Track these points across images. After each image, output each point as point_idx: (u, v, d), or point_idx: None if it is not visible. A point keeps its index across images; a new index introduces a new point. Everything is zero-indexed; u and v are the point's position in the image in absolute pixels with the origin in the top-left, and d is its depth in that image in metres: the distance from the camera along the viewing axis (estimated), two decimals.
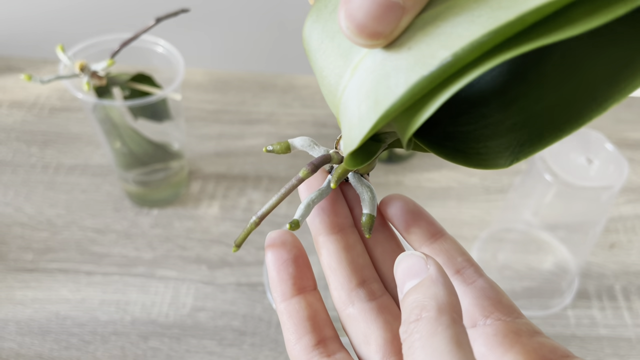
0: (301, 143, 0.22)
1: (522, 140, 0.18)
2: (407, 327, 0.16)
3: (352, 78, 0.16)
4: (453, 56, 0.13)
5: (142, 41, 0.47)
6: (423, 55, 0.13)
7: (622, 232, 0.53)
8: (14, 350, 0.42)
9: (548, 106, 0.17)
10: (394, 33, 0.14)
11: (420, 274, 0.17)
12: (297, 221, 0.20)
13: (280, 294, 0.20)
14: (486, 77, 0.19)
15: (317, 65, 0.18)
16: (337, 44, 0.17)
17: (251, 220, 0.20)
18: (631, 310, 0.47)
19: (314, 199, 0.20)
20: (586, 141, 0.45)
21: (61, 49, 0.42)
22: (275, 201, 0.20)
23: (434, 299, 0.16)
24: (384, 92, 0.14)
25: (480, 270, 0.22)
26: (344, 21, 0.14)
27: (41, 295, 0.46)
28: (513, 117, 0.18)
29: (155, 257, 0.49)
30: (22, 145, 0.58)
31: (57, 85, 0.64)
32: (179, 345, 0.43)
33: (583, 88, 0.16)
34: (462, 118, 0.19)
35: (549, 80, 0.17)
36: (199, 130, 0.61)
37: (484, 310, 0.20)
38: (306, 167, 0.20)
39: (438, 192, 0.56)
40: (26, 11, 0.76)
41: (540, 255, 0.51)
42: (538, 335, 0.19)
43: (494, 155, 0.18)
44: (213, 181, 0.56)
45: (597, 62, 0.16)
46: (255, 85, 0.67)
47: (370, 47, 0.15)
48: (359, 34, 0.14)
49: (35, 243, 0.49)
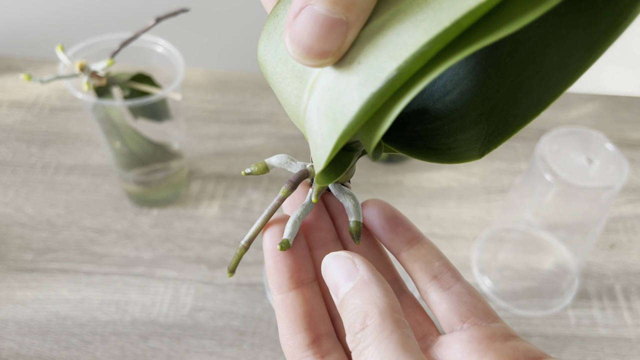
0: (278, 161, 0.22)
1: (490, 130, 0.18)
2: (353, 337, 0.17)
3: (310, 98, 0.16)
4: (398, 70, 0.13)
5: (142, 41, 0.47)
6: (372, 68, 0.14)
7: (622, 232, 0.53)
8: (14, 350, 0.42)
9: (509, 94, 0.18)
10: (341, 49, 0.14)
11: (352, 276, 0.18)
12: (287, 241, 0.20)
13: (276, 285, 0.20)
14: (447, 72, 0.19)
15: (276, 87, 0.18)
16: (290, 67, 0.17)
17: (240, 245, 0.21)
18: (631, 310, 0.47)
19: (299, 216, 0.21)
20: (586, 141, 0.45)
21: (61, 48, 0.42)
22: (260, 223, 0.20)
23: (374, 304, 0.17)
24: (340, 111, 0.14)
25: (457, 274, 0.22)
26: (290, 45, 0.14)
27: (41, 295, 0.46)
28: (477, 107, 0.18)
29: (155, 257, 0.49)
30: (21, 145, 0.58)
31: (57, 85, 0.64)
32: (178, 345, 0.43)
33: (539, 74, 0.17)
34: (429, 115, 0.20)
35: (506, 69, 0.17)
36: (199, 130, 0.61)
37: (461, 316, 0.20)
38: (285, 186, 0.20)
39: (438, 192, 0.56)
40: (26, 11, 0.76)
41: (541, 255, 0.50)
42: (512, 339, 0.19)
43: (466, 147, 0.19)
44: (213, 181, 0.56)
45: (549, 48, 0.16)
46: (255, 85, 0.67)
47: (320, 66, 0.15)
48: (306, 56, 0.14)
49: (35, 243, 0.49)
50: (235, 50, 0.82)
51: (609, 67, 0.97)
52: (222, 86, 0.67)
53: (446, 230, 0.53)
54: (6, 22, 0.76)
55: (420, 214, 0.54)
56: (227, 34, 0.81)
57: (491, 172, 0.59)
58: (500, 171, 0.59)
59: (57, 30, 0.77)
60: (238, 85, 0.67)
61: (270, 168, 0.22)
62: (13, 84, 0.65)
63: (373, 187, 0.56)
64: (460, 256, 0.50)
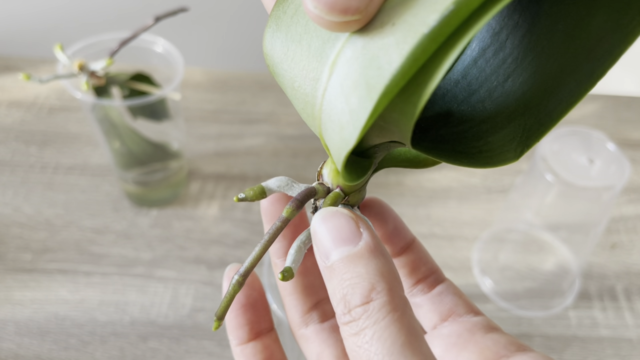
0: (277, 184, 0.19)
1: (528, 125, 0.16)
2: (349, 310, 0.14)
3: (332, 76, 0.14)
4: (441, 20, 0.11)
5: (141, 40, 0.47)
6: (412, 25, 0.12)
7: (623, 233, 0.53)
8: (13, 350, 0.42)
9: (547, 82, 0.16)
10: (369, 8, 0.13)
11: (353, 239, 0.15)
12: (290, 269, 0.17)
13: (236, 337, 0.21)
14: (472, 70, 0.18)
15: (285, 78, 0.16)
16: (306, 46, 0.15)
17: (233, 281, 0.17)
18: (632, 310, 0.47)
19: (304, 241, 0.18)
20: (588, 141, 0.45)
21: (60, 48, 0.41)
22: (258, 253, 0.17)
23: (381, 277, 0.14)
24: (375, 75, 0.13)
25: (440, 276, 0.22)
26: (311, 2, 0.13)
27: (40, 295, 0.45)
28: (510, 105, 0.17)
29: (154, 257, 0.49)
30: (20, 145, 0.58)
31: (56, 85, 0.64)
32: (178, 346, 0.43)
33: (584, 51, 0.15)
34: (454, 117, 0.18)
35: (544, 52, 0.16)
36: (198, 130, 0.60)
37: (442, 315, 0.20)
38: (290, 205, 0.17)
39: (439, 192, 0.56)
40: (25, 10, 0.75)
41: (542, 256, 0.50)
42: (493, 331, 0.19)
43: (500, 149, 0.17)
44: (212, 181, 0.55)
45: (595, 17, 0.15)
46: (255, 85, 0.67)
47: (345, 27, 0.13)
48: (329, 11, 0.12)
49: (33, 243, 0.49)
50: (235, 50, 0.82)
51: None
52: (222, 86, 0.66)
53: (447, 230, 0.52)
54: (5, 22, 0.76)
55: (421, 214, 0.54)
56: (227, 34, 0.81)
57: (492, 172, 0.58)
58: (501, 171, 0.59)
59: (56, 29, 0.77)
60: (237, 85, 0.67)
61: (268, 193, 0.19)
62: (12, 83, 0.64)
63: (373, 187, 0.56)
64: (461, 256, 0.50)
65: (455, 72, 0.18)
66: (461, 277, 0.48)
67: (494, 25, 0.17)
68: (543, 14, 0.15)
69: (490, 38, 0.17)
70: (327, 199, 0.18)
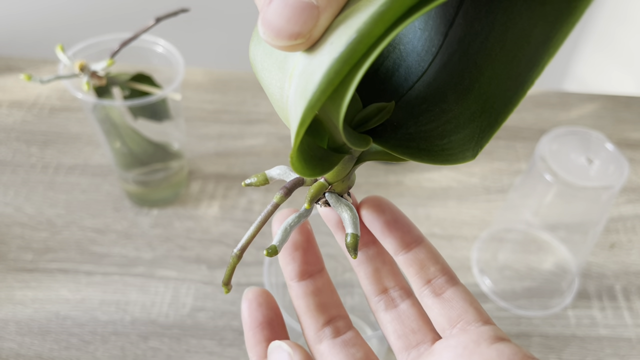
0: (278, 172, 0.22)
1: (482, 127, 0.18)
2: None
3: (290, 86, 0.16)
4: (358, 33, 0.13)
5: (141, 41, 0.47)
6: (340, 42, 0.14)
7: (622, 232, 0.53)
8: (14, 350, 0.42)
9: (499, 84, 0.17)
10: (313, 33, 0.15)
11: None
12: (275, 247, 0.20)
13: (255, 354, 0.22)
14: (442, 75, 0.19)
15: (264, 84, 0.18)
16: (274, 59, 0.17)
17: (232, 254, 0.20)
18: (631, 310, 0.47)
19: (291, 224, 0.20)
20: (586, 141, 0.45)
21: (61, 48, 0.42)
22: (253, 231, 0.20)
23: None
24: (310, 85, 0.15)
25: (453, 278, 0.22)
26: (262, 29, 0.15)
27: (41, 295, 0.46)
28: (471, 105, 0.18)
29: (155, 257, 0.49)
30: (22, 145, 0.58)
31: (57, 85, 0.64)
32: (178, 345, 0.43)
33: (526, 56, 0.16)
34: (423, 117, 0.19)
35: (497, 59, 0.17)
36: (199, 130, 0.61)
37: (450, 320, 0.21)
38: (280, 192, 0.20)
39: (438, 192, 0.56)
40: (26, 11, 0.76)
41: (541, 256, 0.50)
42: (499, 341, 0.19)
43: (460, 148, 0.19)
44: (213, 181, 0.56)
45: (535, 27, 0.16)
46: (255, 85, 0.67)
47: (291, 49, 0.15)
48: (275, 37, 0.15)
49: (35, 243, 0.49)
50: (235, 50, 0.82)
51: (609, 67, 0.97)
52: (222, 86, 0.67)
53: (446, 230, 0.53)
54: (6, 22, 0.76)
55: (420, 214, 0.54)
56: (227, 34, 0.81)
57: (491, 172, 0.59)
58: (500, 171, 0.59)
59: (57, 30, 0.77)
60: (238, 85, 0.67)
61: (270, 180, 0.22)
62: (13, 83, 0.65)
63: (373, 187, 0.56)
64: (460, 256, 0.50)
65: (429, 75, 0.20)
66: (460, 277, 0.48)
67: (459, 33, 0.18)
68: (497, 22, 0.17)
69: (456, 44, 0.19)
70: (312, 188, 0.21)
